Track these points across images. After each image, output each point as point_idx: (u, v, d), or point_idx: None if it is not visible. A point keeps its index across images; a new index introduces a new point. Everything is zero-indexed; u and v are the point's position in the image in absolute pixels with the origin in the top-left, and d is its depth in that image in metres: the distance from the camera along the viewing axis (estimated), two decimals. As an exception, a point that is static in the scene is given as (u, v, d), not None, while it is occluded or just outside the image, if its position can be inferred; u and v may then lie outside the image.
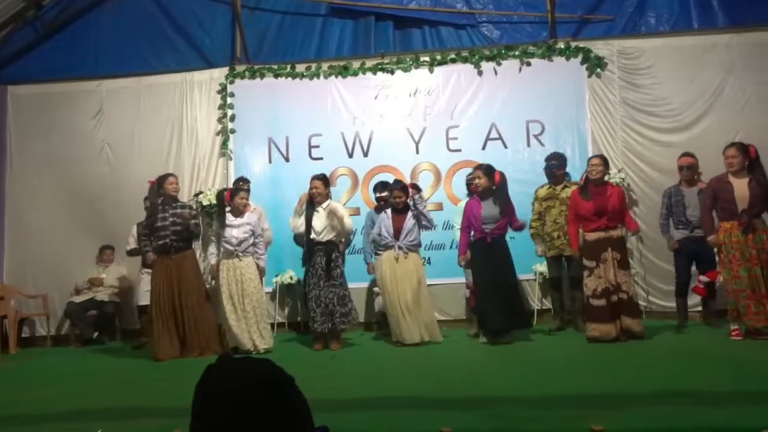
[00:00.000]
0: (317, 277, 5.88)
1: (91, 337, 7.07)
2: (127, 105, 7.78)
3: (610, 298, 5.31)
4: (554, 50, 7.34)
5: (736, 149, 5.23)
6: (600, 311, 5.33)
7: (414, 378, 4.44)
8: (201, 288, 6.05)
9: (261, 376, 1.13)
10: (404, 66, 7.53)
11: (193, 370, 1.24)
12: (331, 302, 5.84)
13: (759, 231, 5.09)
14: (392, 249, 5.96)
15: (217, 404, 1.10)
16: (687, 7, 7.52)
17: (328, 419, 1.63)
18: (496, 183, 5.72)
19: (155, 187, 6.09)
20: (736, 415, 2.99)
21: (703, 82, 7.06)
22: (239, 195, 6.02)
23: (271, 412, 1.09)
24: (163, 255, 5.88)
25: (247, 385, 1.10)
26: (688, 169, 6.06)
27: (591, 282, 5.40)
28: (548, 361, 4.89)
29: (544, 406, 3.41)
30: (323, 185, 6.10)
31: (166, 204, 5.96)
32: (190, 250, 6.09)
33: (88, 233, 7.61)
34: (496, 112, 7.38)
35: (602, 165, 5.62)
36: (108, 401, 4.10)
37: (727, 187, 5.16)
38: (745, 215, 5.08)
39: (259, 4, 8.11)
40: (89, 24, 8.16)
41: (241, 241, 5.88)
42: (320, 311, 5.82)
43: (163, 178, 6.08)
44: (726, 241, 5.16)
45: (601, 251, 5.38)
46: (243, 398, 1.09)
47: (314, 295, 5.87)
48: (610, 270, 5.33)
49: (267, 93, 7.67)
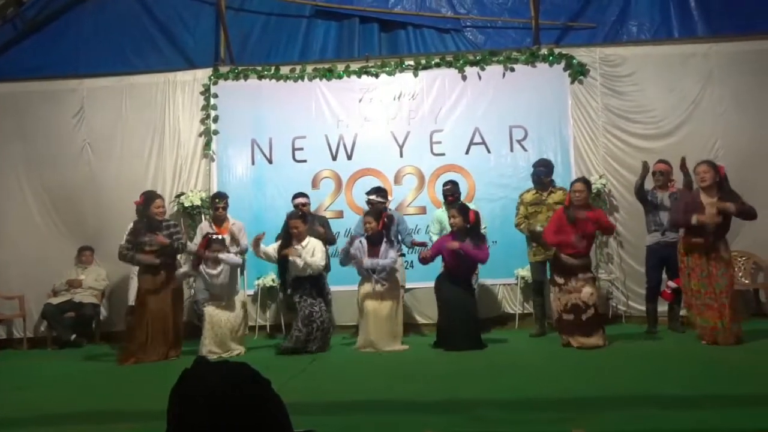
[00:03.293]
0: (311, 298, 5.89)
1: (69, 340, 6.97)
2: (108, 105, 7.69)
3: (579, 314, 5.40)
4: (538, 56, 7.41)
5: (707, 165, 5.31)
6: (571, 325, 5.43)
7: (395, 381, 4.44)
8: (181, 296, 6.14)
9: (238, 379, 1.12)
10: (389, 69, 7.55)
11: (164, 373, 1.23)
12: (326, 322, 5.91)
13: (721, 251, 5.20)
14: (369, 281, 5.94)
15: (194, 409, 1.08)
16: (668, 17, 7.63)
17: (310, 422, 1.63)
18: (470, 222, 5.77)
19: (140, 207, 6.02)
20: (712, 417, 3.04)
21: (683, 90, 7.17)
22: (214, 248, 5.88)
23: (248, 415, 1.09)
24: (152, 270, 5.86)
25: (224, 389, 1.09)
26: (661, 174, 6.14)
27: (562, 297, 5.49)
28: (528, 365, 4.93)
29: (524, 409, 3.43)
30: (303, 224, 6.07)
31: (151, 226, 5.89)
32: (175, 267, 6.08)
33: (67, 234, 7.52)
34: (479, 117, 7.42)
35: (586, 191, 5.65)
36: (83, 404, 4.05)
37: (699, 205, 5.24)
38: (711, 236, 5.17)
39: (243, 5, 8.08)
40: (70, 22, 8.07)
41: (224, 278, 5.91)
42: (309, 330, 5.81)
43: (150, 201, 5.96)
44: (687, 253, 5.29)
45: (572, 275, 5.47)
46: (220, 402, 1.08)
47: (305, 315, 5.83)
48: (582, 289, 5.41)
49: (251, 94, 7.64)
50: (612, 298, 6.98)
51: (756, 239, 6.73)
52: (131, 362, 5.62)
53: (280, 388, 1.20)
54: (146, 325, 5.75)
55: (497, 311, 7.11)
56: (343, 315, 7.01)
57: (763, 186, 6.50)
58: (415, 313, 7.14)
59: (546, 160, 6.63)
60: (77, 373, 5.48)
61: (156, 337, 5.75)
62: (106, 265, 7.29)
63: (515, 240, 6.88)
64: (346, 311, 6.93)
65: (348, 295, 6.58)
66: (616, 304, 7.00)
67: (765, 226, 6.73)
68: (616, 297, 7.02)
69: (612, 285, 6.99)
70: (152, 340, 5.73)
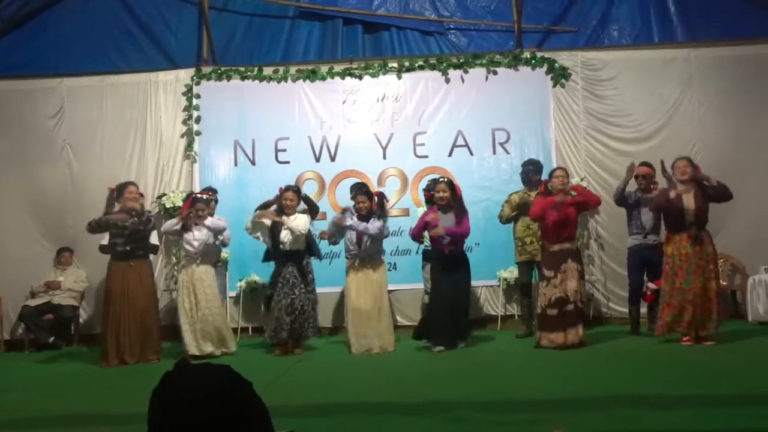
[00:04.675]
0: (290, 286, 5.84)
1: (47, 342, 6.87)
2: (89, 104, 7.60)
3: (562, 308, 5.43)
4: (520, 60, 7.46)
5: (687, 160, 5.50)
6: (552, 320, 5.46)
7: (376, 383, 4.45)
8: (154, 295, 6.02)
9: (219, 382, 1.12)
10: (372, 71, 7.55)
11: (145, 376, 1.22)
12: (307, 308, 5.86)
13: (706, 243, 5.30)
14: (356, 258, 5.97)
15: (175, 412, 1.08)
16: (648, 22, 7.73)
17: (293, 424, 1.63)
18: (457, 196, 5.82)
19: (113, 194, 5.95)
20: (689, 417, 3.09)
21: (662, 94, 7.26)
22: (196, 206, 5.89)
23: (229, 418, 1.08)
24: (122, 261, 5.77)
25: (205, 392, 1.09)
26: (643, 178, 6.22)
27: (548, 291, 5.52)
28: (510, 366, 4.96)
29: (505, 410, 3.46)
30: (297, 197, 6.06)
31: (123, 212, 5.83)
32: (149, 259, 6.02)
33: (46, 235, 7.42)
34: (462, 120, 7.46)
35: (565, 176, 5.80)
36: (61, 408, 4.00)
37: (676, 200, 5.33)
38: (694, 227, 5.26)
39: (226, 5, 8.02)
40: (50, 20, 7.94)
41: (202, 243, 5.82)
42: (291, 319, 5.78)
43: (123, 187, 5.92)
44: (675, 253, 5.34)
45: (561, 262, 5.51)
46: (201, 405, 1.08)
47: (288, 303, 5.80)
48: (568, 281, 5.45)
49: (234, 95, 7.59)
50: (593, 300, 7.05)
51: (733, 242, 6.85)
52: (114, 365, 5.54)
53: (263, 390, 1.20)
54: (116, 325, 5.63)
55: (479, 313, 7.13)
56: (328, 317, 7.00)
57: (740, 189, 6.58)
58: (398, 315, 7.14)
59: (535, 160, 6.78)
60: (55, 376, 5.41)
61: (133, 338, 5.64)
62: (86, 267, 7.20)
63: (498, 242, 6.94)
64: (330, 313, 6.92)
65: (333, 297, 6.58)
66: (598, 306, 7.07)
67: (742, 229, 6.90)
68: (596, 299, 7.09)
69: (593, 287, 7.06)
70: (129, 341, 5.62)
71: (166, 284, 7.17)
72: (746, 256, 6.89)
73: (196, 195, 6.05)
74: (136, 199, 5.95)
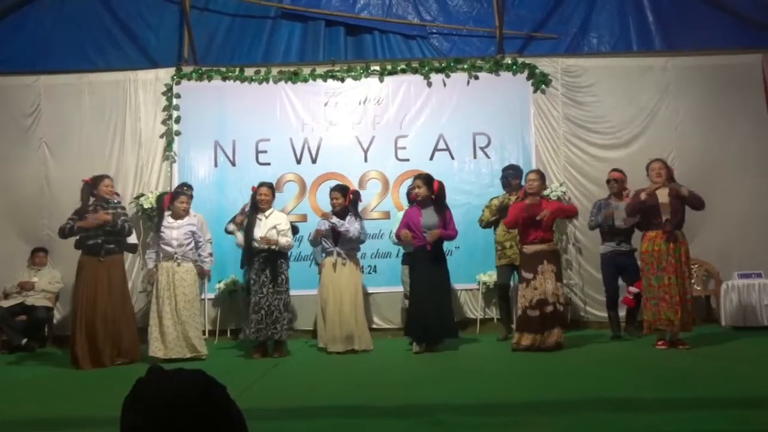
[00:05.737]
0: (260, 284, 5.79)
1: (20, 344, 6.73)
2: (66, 102, 7.49)
3: (543, 309, 5.47)
4: (501, 65, 7.52)
5: (661, 162, 5.62)
6: (533, 322, 5.47)
7: (355, 386, 4.43)
8: (127, 293, 5.92)
9: (193, 386, 1.10)
10: (355, 74, 7.55)
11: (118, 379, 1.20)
12: (277, 309, 5.76)
13: (679, 242, 5.38)
14: (332, 255, 5.97)
15: (148, 417, 1.06)
16: (627, 30, 7.86)
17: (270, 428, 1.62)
18: (435, 192, 5.80)
19: (88, 186, 5.86)
20: (664, 420, 3.13)
21: (640, 101, 7.38)
22: (179, 199, 5.87)
23: (204, 423, 1.07)
24: (93, 256, 5.67)
25: (179, 397, 1.07)
26: (615, 182, 6.30)
27: (528, 293, 5.54)
28: (488, 369, 4.98)
29: (482, 413, 3.47)
30: (271, 193, 6.05)
31: (98, 205, 5.75)
32: (121, 254, 5.91)
33: (20, 235, 7.30)
34: (444, 124, 7.49)
35: (539, 180, 5.78)
36: (34, 411, 3.93)
37: (650, 198, 5.42)
38: (669, 224, 5.35)
39: (208, 5, 7.98)
40: (28, 16, 7.83)
41: (181, 244, 5.75)
42: (258, 318, 5.72)
43: (99, 179, 5.85)
44: (649, 249, 5.42)
45: (537, 263, 5.53)
46: (174, 410, 1.06)
47: (255, 302, 5.77)
48: (546, 282, 5.48)
49: (214, 96, 7.54)
50: (570, 304, 7.11)
51: (708, 248, 6.96)
52: (88, 368, 5.44)
53: (240, 393, 1.19)
54: (86, 325, 5.50)
55: (459, 316, 7.15)
56: (304, 319, 6.97)
57: (715, 196, 6.71)
58: (377, 317, 7.14)
59: (515, 165, 6.84)
60: (28, 379, 5.30)
61: (104, 339, 5.52)
62: (61, 268, 7.07)
63: (477, 246, 6.98)
64: (312, 315, 6.90)
65: (312, 299, 6.55)
66: (576, 310, 7.14)
67: (716, 235, 7.02)
68: (574, 303, 7.15)
69: (571, 291, 7.12)
70: (101, 343, 5.50)
71: (143, 286, 7.07)
72: (720, 262, 7.02)
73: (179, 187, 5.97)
74: (111, 193, 5.88)
